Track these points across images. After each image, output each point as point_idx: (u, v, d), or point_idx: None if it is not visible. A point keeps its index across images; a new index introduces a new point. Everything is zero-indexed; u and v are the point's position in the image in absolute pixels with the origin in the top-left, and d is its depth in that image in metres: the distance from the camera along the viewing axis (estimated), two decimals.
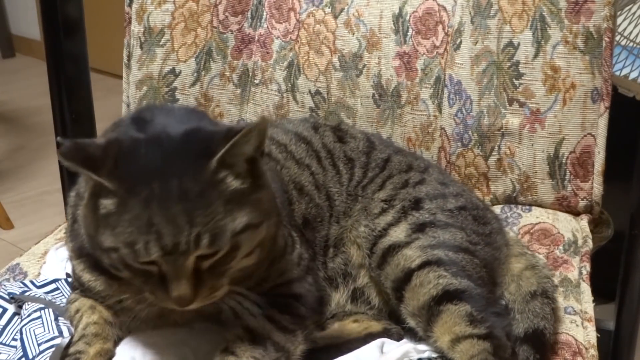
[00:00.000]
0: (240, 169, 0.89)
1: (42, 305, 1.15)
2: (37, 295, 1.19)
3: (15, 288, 1.21)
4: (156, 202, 0.86)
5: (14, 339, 1.13)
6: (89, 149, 0.89)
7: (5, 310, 1.18)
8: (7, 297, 1.19)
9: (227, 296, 0.96)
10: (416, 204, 1.18)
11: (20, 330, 1.11)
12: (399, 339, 1.15)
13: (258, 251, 0.96)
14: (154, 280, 0.91)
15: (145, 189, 0.86)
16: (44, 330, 1.10)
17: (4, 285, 1.22)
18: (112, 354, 1.05)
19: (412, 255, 1.11)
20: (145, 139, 0.90)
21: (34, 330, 1.10)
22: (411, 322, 1.10)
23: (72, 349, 1.04)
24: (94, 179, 0.89)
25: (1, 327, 1.16)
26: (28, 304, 1.15)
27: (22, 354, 1.07)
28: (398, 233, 1.14)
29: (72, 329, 1.09)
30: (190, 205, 0.86)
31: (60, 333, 1.10)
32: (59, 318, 1.13)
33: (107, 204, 0.89)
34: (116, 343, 1.06)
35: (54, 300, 1.18)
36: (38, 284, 1.24)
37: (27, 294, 1.19)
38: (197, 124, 0.94)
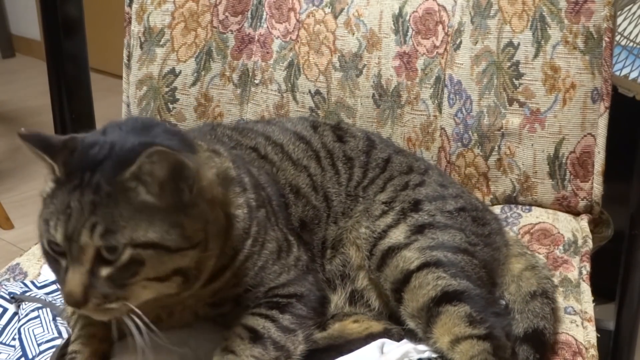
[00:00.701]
0: (154, 187, 0.90)
1: (39, 305, 1.15)
2: (37, 296, 1.19)
3: (16, 288, 1.21)
4: (78, 190, 0.90)
5: (14, 339, 1.13)
6: (50, 139, 0.94)
7: (5, 310, 1.18)
8: (7, 297, 1.19)
9: (125, 316, 0.93)
10: (415, 206, 1.18)
11: (19, 330, 1.11)
12: (399, 339, 1.15)
13: (179, 280, 0.94)
14: (61, 275, 0.92)
15: (77, 178, 0.91)
16: (43, 331, 1.10)
17: (5, 285, 1.22)
18: (109, 355, 1.05)
19: (410, 257, 1.11)
20: (103, 140, 0.94)
21: (32, 330, 1.10)
22: (411, 324, 1.10)
23: (69, 349, 1.04)
24: (48, 162, 0.93)
25: (1, 326, 1.16)
26: (25, 304, 1.15)
27: (21, 353, 1.07)
28: (397, 235, 1.14)
29: (70, 330, 1.09)
30: (98, 198, 0.89)
31: (60, 333, 1.10)
32: (57, 318, 1.13)
33: (49, 186, 0.94)
34: (114, 344, 1.06)
35: (54, 302, 1.18)
36: (39, 285, 1.24)
37: (27, 294, 1.19)
38: (161, 141, 0.94)
